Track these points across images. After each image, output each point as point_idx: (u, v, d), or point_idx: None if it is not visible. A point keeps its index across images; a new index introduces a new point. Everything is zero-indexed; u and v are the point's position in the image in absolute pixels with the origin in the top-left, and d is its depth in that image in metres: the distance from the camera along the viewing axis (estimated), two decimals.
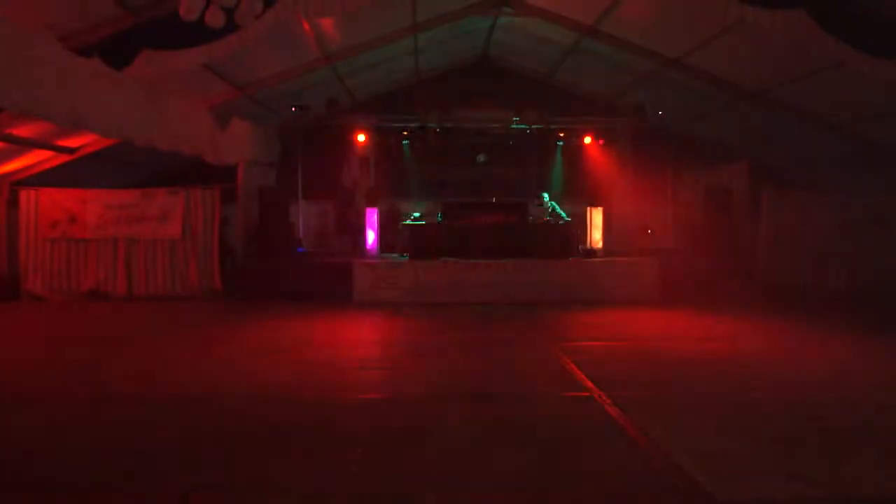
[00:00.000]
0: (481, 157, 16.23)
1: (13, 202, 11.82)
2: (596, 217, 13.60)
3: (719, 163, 14.28)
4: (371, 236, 12.93)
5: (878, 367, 6.74)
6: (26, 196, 11.78)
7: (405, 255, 12.60)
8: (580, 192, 15.21)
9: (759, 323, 9.55)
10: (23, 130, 9.87)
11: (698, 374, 6.34)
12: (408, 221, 13.47)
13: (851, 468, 3.85)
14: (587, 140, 15.43)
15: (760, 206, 12.34)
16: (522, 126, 15.42)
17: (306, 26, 10.42)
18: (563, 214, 13.57)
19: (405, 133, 15.28)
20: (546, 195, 14.05)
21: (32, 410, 5.14)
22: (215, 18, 8.15)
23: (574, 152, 15.87)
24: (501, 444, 4.31)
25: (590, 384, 5.76)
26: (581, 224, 13.81)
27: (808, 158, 14.11)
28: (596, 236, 13.53)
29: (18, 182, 11.83)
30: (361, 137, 15.09)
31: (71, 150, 11.43)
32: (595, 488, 3.59)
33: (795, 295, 12.05)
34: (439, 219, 13.09)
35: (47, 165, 11.70)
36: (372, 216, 12.97)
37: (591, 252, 12.96)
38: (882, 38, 9.03)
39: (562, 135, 15.40)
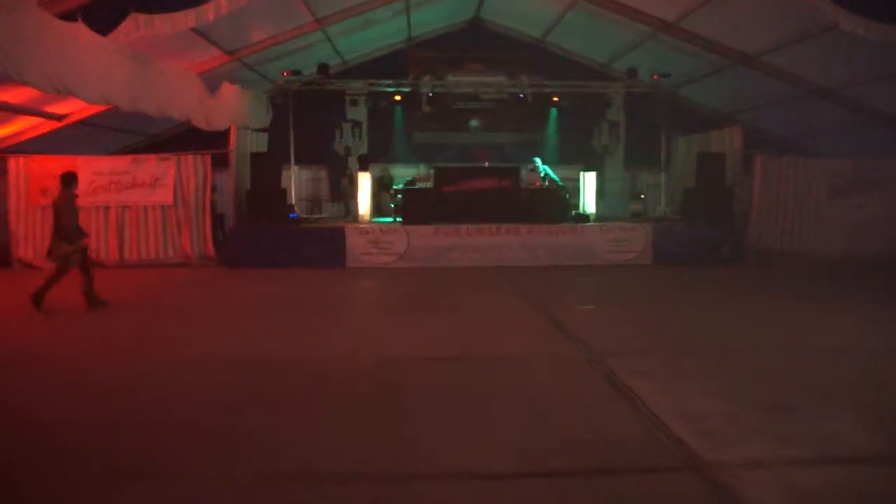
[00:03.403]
0: (474, 123, 16.14)
1: (2, 170, 11.70)
2: (589, 182, 13.61)
3: (712, 128, 14.24)
4: (363, 201, 12.88)
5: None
6: (15, 163, 11.65)
7: (398, 219, 12.59)
8: (573, 157, 15.20)
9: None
10: (9, 97, 9.72)
11: None
12: (400, 186, 13.43)
13: None
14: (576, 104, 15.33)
15: (753, 171, 12.34)
16: (515, 90, 15.31)
17: None
18: (557, 179, 13.54)
19: (397, 97, 15.14)
20: (539, 160, 13.99)
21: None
22: None
23: (567, 117, 15.78)
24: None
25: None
26: (574, 189, 13.81)
27: (801, 123, 14.07)
28: (589, 201, 13.55)
29: (6, 149, 11.70)
30: (353, 102, 14.94)
31: (59, 117, 11.28)
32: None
33: (788, 259, 12.14)
34: (432, 184, 13.05)
35: (35, 133, 11.55)
36: (364, 181, 12.92)
37: (584, 217, 12.98)
38: (877, 2, 8.96)
39: (555, 99, 15.29)
